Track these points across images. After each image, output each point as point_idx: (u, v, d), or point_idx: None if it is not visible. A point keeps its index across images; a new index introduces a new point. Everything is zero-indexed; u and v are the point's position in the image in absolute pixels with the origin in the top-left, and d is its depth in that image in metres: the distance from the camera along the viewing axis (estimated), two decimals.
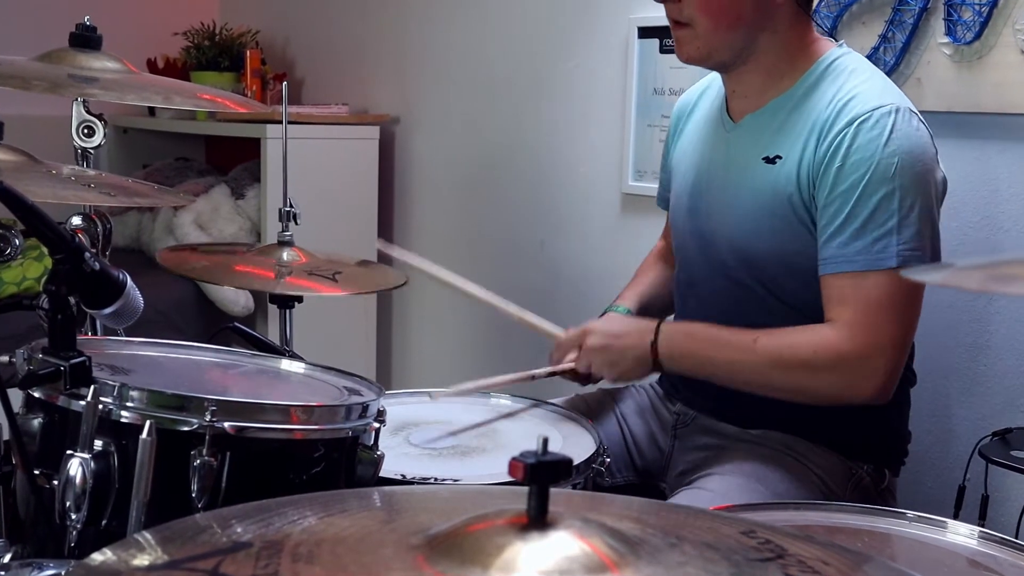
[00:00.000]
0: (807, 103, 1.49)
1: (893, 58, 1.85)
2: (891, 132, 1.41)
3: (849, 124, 1.43)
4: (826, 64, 1.51)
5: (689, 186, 1.66)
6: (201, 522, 0.74)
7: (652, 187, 2.35)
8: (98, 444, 1.06)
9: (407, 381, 3.15)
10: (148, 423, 1.04)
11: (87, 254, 1.13)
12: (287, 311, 1.94)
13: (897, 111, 1.43)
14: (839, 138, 1.43)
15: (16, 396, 1.12)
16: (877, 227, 1.40)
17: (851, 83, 1.47)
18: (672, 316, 1.75)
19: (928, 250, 1.43)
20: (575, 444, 1.50)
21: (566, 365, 1.72)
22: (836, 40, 1.58)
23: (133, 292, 1.19)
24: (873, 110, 1.43)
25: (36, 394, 1.11)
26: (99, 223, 1.61)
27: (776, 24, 1.50)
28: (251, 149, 3.04)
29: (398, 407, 1.62)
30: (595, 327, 1.60)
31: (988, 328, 1.83)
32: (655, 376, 1.82)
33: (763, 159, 1.51)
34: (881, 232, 1.40)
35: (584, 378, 1.73)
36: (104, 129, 1.61)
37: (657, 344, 1.53)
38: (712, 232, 1.58)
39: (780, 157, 1.49)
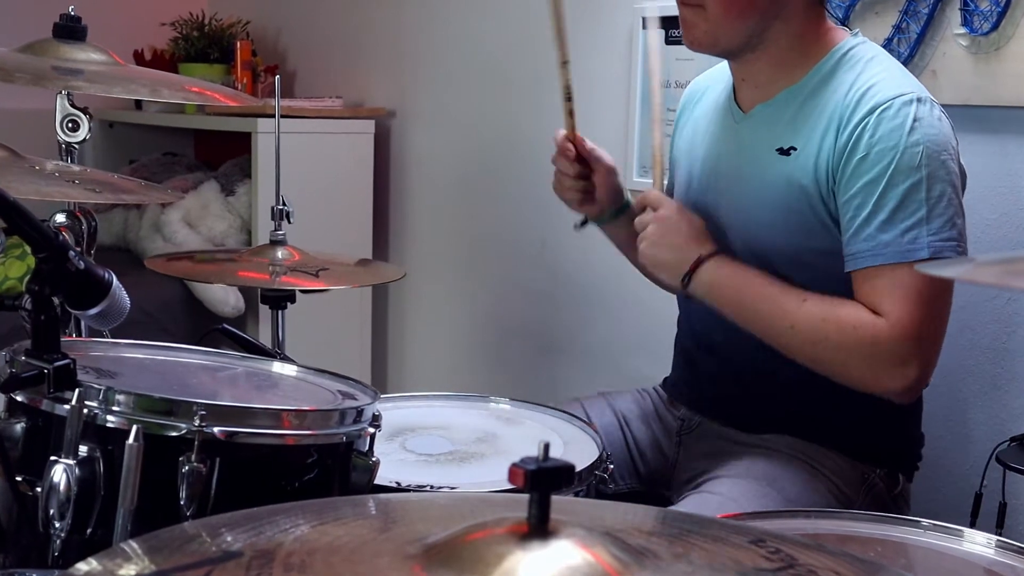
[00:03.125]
0: (822, 93, 1.49)
1: (908, 49, 1.85)
2: (914, 120, 1.41)
3: (870, 113, 1.42)
4: (841, 53, 1.51)
5: (695, 177, 1.65)
6: (190, 531, 0.74)
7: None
8: (83, 450, 1.06)
9: (403, 385, 3.15)
10: (135, 428, 1.04)
11: (71, 253, 1.13)
12: (279, 312, 1.94)
13: (918, 100, 1.43)
14: (860, 128, 1.43)
15: None
16: (906, 218, 1.40)
17: (868, 72, 1.47)
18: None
19: (959, 240, 1.42)
20: (577, 450, 1.50)
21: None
22: (851, 29, 1.58)
23: (119, 292, 1.19)
24: (894, 99, 1.42)
25: (19, 398, 1.11)
26: (84, 220, 1.61)
27: (788, 12, 1.49)
28: (241, 144, 3.04)
29: (394, 412, 1.62)
30: (678, 209, 1.56)
31: (1007, 329, 1.83)
32: (658, 379, 1.83)
33: (777, 150, 1.51)
34: (911, 223, 1.40)
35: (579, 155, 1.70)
36: (89, 123, 1.61)
37: (703, 263, 1.51)
38: (721, 226, 1.58)
39: (795, 149, 1.49)
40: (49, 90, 1.54)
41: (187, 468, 1.06)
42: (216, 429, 1.07)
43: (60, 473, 1.04)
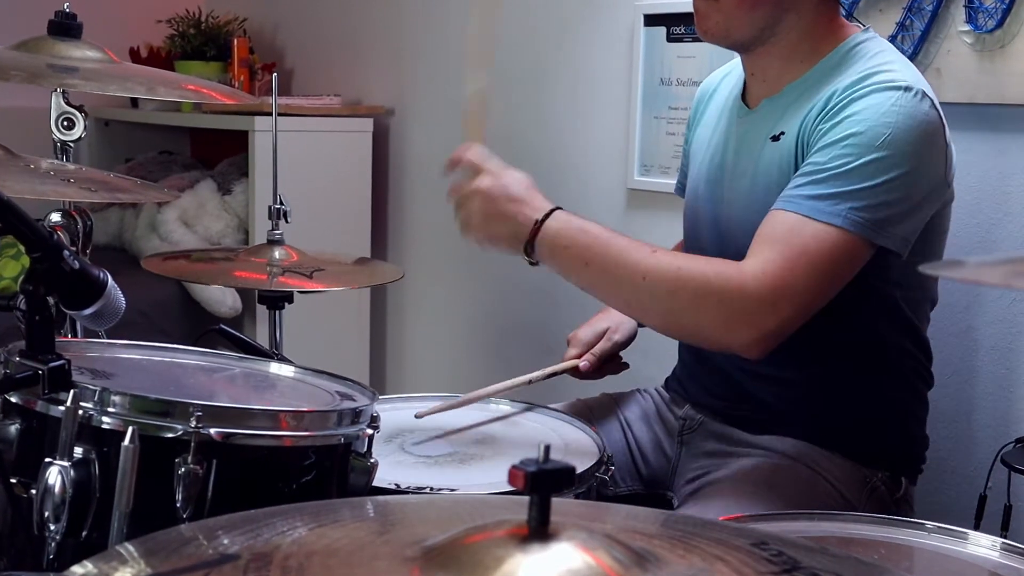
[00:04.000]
0: (823, 85, 1.49)
1: (911, 47, 1.85)
2: (893, 105, 1.40)
3: (855, 89, 1.42)
4: (848, 48, 1.51)
5: (704, 176, 1.66)
6: (186, 533, 0.74)
7: (659, 182, 2.36)
8: (78, 451, 1.06)
9: (402, 385, 3.15)
10: (131, 429, 1.04)
11: (66, 252, 1.13)
12: (277, 312, 1.94)
13: (909, 89, 1.42)
14: (840, 101, 1.43)
15: None
16: (840, 184, 1.38)
17: (872, 63, 1.47)
18: None
19: (890, 231, 1.39)
20: (578, 451, 1.50)
21: (567, 364, 1.71)
22: (863, 25, 1.58)
23: (114, 292, 1.19)
24: (885, 83, 1.42)
25: (13, 399, 1.10)
26: (79, 220, 1.61)
27: (802, 5, 1.50)
28: (238, 142, 3.04)
29: (392, 413, 1.62)
30: (497, 171, 1.50)
31: (1012, 329, 1.83)
32: (659, 380, 1.83)
33: (770, 138, 1.52)
34: (841, 190, 1.38)
35: (589, 375, 1.72)
36: (84, 121, 1.60)
37: (542, 226, 1.45)
38: (728, 220, 1.58)
39: (784, 133, 1.49)
40: (44, 88, 1.54)
41: (183, 470, 1.06)
42: (213, 430, 1.07)
43: (55, 475, 1.04)
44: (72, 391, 1.06)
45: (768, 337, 1.38)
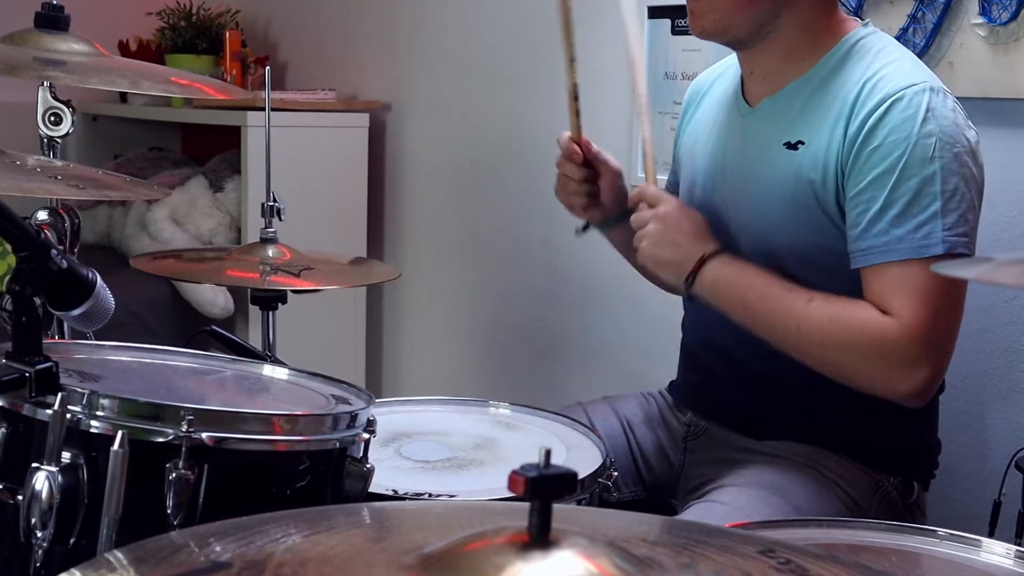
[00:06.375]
0: (831, 85, 1.50)
1: (923, 40, 1.85)
2: (927, 111, 1.41)
3: (880, 104, 1.43)
4: (850, 44, 1.51)
5: (701, 174, 1.66)
6: (177, 540, 0.74)
7: (663, 179, 2.35)
8: (66, 456, 1.06)
9: (399, 388, 3.15)
10: (120, 433, 1.04)
11: (54, 251, 1.13)
12: (270, 313, 1.94)
13: (931, 90, 1.43)
14: (870, 119, 1.43)
15: None
16: (919, 212, 1.40)
17: (878, 63, 1.48)
18: None
19: (971, 236, 1.43)
20: (580, 456, 1.50)
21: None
22: (862, 20, 1.59)
23: (103, 292, 1.20)
24: (905, 89, 1.43)
25: None
26: (67, 218, 1.61)
27: (800, 0, 1.50)
28: (230, 138, 3.04)
29: (389, 417, 1.62)
30: (678, 205, 1.56)
31: None
32: (663, 383, 1.83)
33: (784, 144, 1.51)
34: (924, 218, 1.40)
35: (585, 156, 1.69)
36: (72, 116, 1.61)
37: (707, 261, 1.51)
38: (729, 224, 1.58)
39: (803, 143, 1.49)
40: (31, 82, 1.54)
41: (174, 475, 1.06)
42: (204, 435, 1.07)
43: (42, 481, 1.04)
44: (60, 394, 1.06)
45: (928, 385, 1.44)
